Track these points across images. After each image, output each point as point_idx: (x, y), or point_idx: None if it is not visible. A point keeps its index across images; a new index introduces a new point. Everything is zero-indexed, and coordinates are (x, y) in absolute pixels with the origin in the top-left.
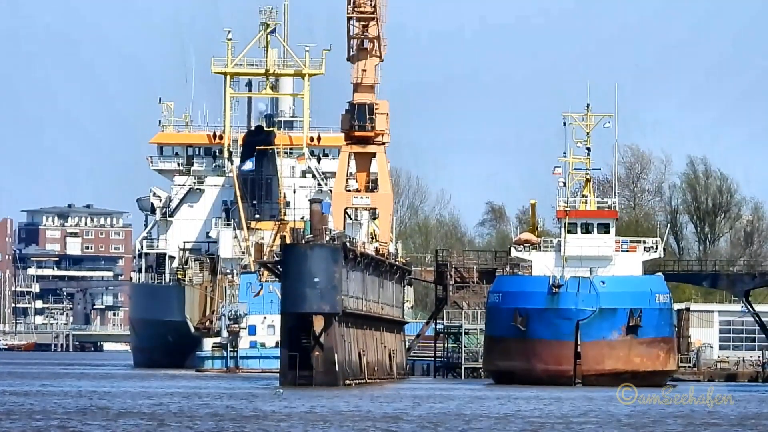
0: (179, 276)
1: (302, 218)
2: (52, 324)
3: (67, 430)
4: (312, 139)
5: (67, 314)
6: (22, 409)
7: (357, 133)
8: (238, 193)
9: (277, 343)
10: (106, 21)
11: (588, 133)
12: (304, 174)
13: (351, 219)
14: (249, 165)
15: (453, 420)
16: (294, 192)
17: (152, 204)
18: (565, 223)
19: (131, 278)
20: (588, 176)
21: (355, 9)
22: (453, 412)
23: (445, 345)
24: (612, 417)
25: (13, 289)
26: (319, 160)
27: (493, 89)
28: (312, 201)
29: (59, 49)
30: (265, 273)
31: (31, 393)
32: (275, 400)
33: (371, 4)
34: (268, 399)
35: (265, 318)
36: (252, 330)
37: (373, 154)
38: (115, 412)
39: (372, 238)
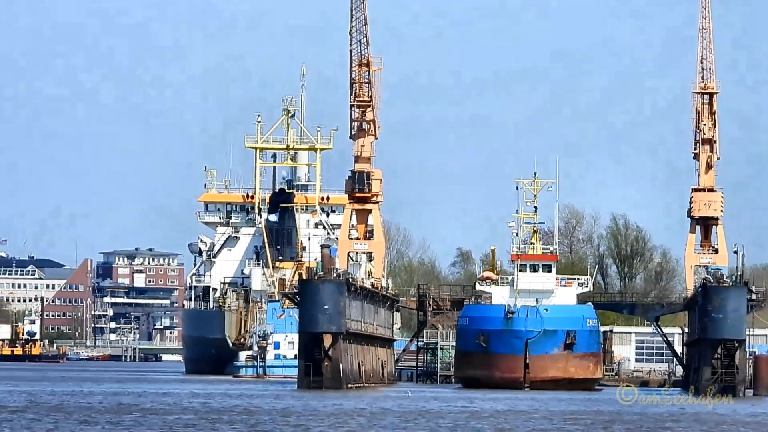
0: (220, 303)
1: (315, 260)
2: (122, 340)
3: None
4: (323, 198)
5: (134, 332)
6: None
7: (357, 194)
8: (265, 240)
9: (295, 355)
10: (166, 110)
11: (535, 195)
12: (316, 225)
13: (353, 260)
14: (274, 218)
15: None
16: (309, 239)
17: (200, 248)
18: (517, 264)
19: (183, 305)
20: (535, 228)
21: (356, 98)
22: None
23: (425, 357)
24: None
25: (92, 313)
26: (328, 215)
27: (464, 162)
28: (323, 246)
29: (130, 130)
30: (287, 301)
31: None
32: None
33: (368, 95)
34: (290, 397)
35: (286, 336)
36: (276, 345)
37: (370, 211)
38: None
39: (368, 275)
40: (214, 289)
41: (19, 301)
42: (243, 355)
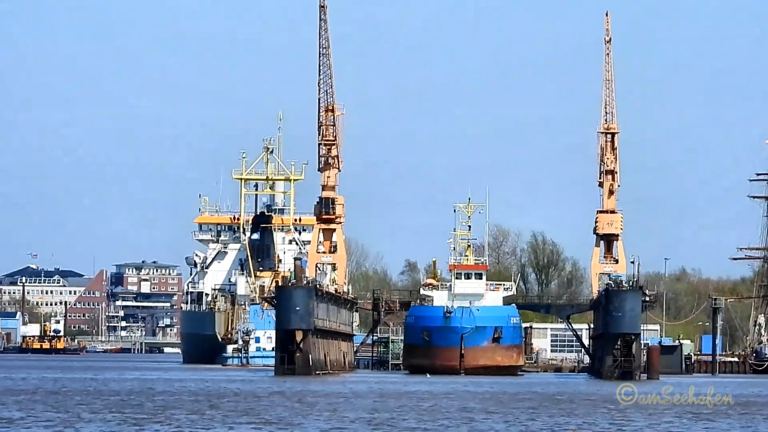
0: (211, 306)
1: (289, 270)
2: (131, 336)
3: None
4: (296, 220)
5: (141, 330)
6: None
7: (324, 217)
8: (248, 254)
9: (273, 348)
10: (168, 148)
11: (469, 216)
12: (290, 242)
13: (320, 270)
14: (256, 236)
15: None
16: (284, 253)
17: (195, 261)
18: (454, 273)
19: (182, 307)
20: (469, 243)
21: (323, 138)
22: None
23: (379, 349)
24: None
25: (107, 314)
26: (300, 233)
27: (412, 188)
28: (295, 259)
29: (142, 164)
30: (266, 304)
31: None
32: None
33: (333, 135)
34: (269, 382)
35: (266, 332)
36: (257, 340)
37: (334, 230)
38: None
39: (332, 282)
40: (207, 294)
41: (46, 304)
42: (230, 348)
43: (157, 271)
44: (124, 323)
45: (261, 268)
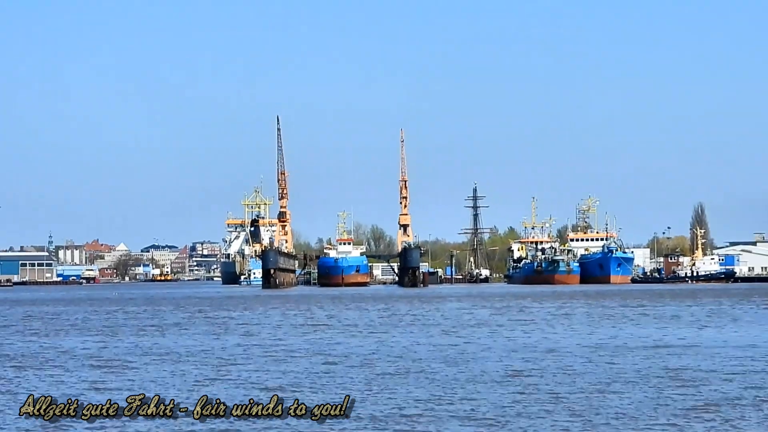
0: (234, 259)
1: (267, 243)
2: (200, 273)
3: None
4: (269, 222)
5: (204, 271)
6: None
7: (281, 220)
8: (249, 237)
9: (261, 276)
10: (219, 194)
11: (344, 218)
12: (266, 231)
13: (280, 243)
14: (252, 229)
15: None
16: (264, 236)
17: (226, 240)
18: (338, 242)
19: (221, 260)
20: (345, 230)
21: (279, 186)
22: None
23: (306, 276)
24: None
25: (188, 264)
26: (272, 226)
27: (320, 206)
28: (269, 238)
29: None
30: (258, 257)
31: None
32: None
33: (284, 185)
34: (260, 291)
35: (258, 270)
36: (255, 274)
37: (286, 225)
38: (224, 295)
39: (286, 248)
40: (232, 255)
41: (162, 260)
42: (242, 277)
43: (210, 244)
44: (196, 268)
45: (255, 243)
